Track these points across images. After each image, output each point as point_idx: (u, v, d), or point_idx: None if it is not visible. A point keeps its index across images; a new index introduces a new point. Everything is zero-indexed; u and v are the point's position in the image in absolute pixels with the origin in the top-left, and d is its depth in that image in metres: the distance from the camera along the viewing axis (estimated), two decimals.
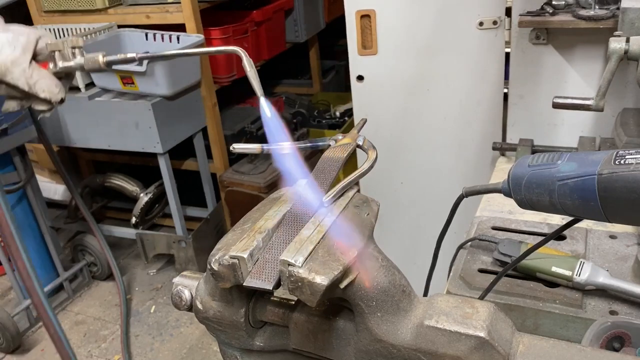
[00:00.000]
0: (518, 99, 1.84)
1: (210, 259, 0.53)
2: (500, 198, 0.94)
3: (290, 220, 0.57)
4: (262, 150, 0.69)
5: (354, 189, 0.62)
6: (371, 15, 2.08)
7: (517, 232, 1.22)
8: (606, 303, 0.98)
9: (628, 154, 0.58)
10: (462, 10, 1.99)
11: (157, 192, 3.27)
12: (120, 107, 2.82)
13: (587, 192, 0.59)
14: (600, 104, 1.16)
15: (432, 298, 0.54)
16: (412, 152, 2.27)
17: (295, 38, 3.91)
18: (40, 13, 3.30)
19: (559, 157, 0.64)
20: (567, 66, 1.74)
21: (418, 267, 1.23)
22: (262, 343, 0.61)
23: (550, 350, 0.51)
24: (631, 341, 0.83)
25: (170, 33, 2.90)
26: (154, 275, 3.40)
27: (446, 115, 2.17)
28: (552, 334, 0.99)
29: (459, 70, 2.09)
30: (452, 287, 1.09)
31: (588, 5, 1.61)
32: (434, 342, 0.51)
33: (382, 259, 0.54)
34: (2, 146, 2.63)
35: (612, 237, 1.17)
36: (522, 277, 1.07)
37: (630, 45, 1.09)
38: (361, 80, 2.21)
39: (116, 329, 2.98)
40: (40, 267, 3.08)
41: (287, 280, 0.49)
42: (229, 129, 3.40)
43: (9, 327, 2.77)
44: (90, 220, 3.12)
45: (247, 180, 3.11)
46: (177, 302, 0.63)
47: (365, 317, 0.53)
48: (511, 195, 0.70)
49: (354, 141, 0.69)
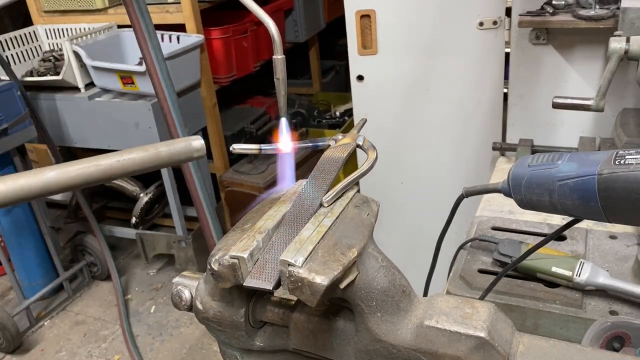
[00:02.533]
0: (518, 99, 1.84)
1: (210, 259, 0.53)
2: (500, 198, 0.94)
3: (290, 220, 0.57)
4: (261, 150, 0.69)
5: (354, 189, 0.62)
6: (371, 15, 2.08)
7: (517, 232, 1.22)
8: (606, 303, 0.98)
9: (628, 154, 0.58)
10: (462, 10, 1.99)
11: (157, 192, 3.27)
12: (120, 107, 2.82)
13: (587, 192, 0.59)
14: (601, 104, 1.16)
15: (432, 298, 0.54)
16: (412, 152, 2.27)
17: (295, 38, 3.91)
18: (40, 13, 3.30)
19: (559, 157, 0.64)
20: (567, 66, 1.74)
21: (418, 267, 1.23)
22: (262, 343, 0.61)
23: (550, 350, 0.51)
24: (631, 341, 0.83)
25: (170, 33, 2.90)
26: (154, 275, 3.40)
27: (446, 115, 2.17)
28: (552, 334, 0.99)
29: (459, 71, 2.09)
30: (452, 287, 1.09)
31: (588, 5, 1.61)
32: (434, 342, 0.51)
33: (382, 259, 0.54)
34: (2, 146, 2.63)
35: (612, 237, 1.17)
36: (522, 278, 1.07)
37: (630, 45, 1.09)
38: (361, 80, 2.21)
39: (116, 328, 2.98)
40: (40, 267, 3.09)
41: (287, 280, 0.49)
42: (229, 129, 3.40)
43: (9, 327, 2.77)
44: (92, 219, 3.12)
45: (247, 180, 3.12)
46: (177, 302, 0.63)
47: (365, 317, 0.53)
48: (511, 195, 0.70)
49: (354, 141, 0.68)
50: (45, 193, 0.48)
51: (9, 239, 2.98)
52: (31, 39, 3.19)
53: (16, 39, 3.09)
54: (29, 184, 0.47)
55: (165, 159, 0.56)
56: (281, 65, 0.68)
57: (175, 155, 0.57)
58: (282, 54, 0.69)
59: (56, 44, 3.25)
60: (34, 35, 3.22)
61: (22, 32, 3.13)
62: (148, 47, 2.03)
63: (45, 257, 3.09)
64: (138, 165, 0.54)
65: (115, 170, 0.52)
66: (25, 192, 0.47)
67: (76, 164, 0.50)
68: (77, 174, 0.49)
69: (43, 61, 3.11)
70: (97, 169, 0.51)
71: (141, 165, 0.54)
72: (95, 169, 0.51)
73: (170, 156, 0.56)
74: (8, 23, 3.82)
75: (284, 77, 0.69)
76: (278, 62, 0.68)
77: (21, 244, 3.00)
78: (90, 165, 0.50)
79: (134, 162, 0.53)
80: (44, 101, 2.93)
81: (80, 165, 0.50)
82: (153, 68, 2.08)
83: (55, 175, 0.48)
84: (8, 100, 2.61)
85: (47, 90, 2.93)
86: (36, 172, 0.48)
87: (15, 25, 3.66)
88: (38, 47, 3.23)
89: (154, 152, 0.55)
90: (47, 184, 0.48)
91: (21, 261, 3.05)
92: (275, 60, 0.69)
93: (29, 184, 0.47)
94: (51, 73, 2.98)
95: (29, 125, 2.74)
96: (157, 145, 0.55)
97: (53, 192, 0.48)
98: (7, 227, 2.93)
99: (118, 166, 0.52)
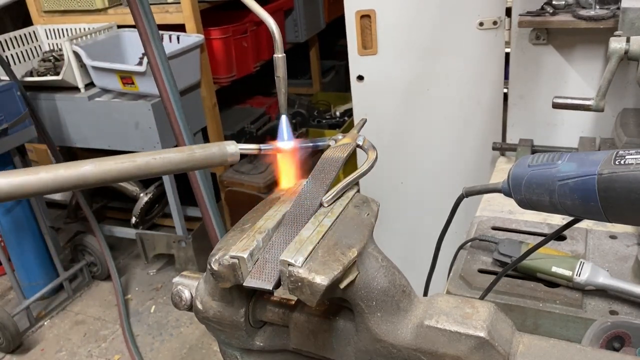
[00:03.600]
0: (518, 99, 1.84)
1: (210, 259, 0.53)
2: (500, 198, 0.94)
3: (290, 220, 0.57)
4: (260, 150, 0.69)
5: (354, 189, 0.62)
6: (371, 15, 2.08)
7: (517, 232, 1.22)
8: (606, 303, 0.98)
9: (628, 154, 0.58)
10: (462, 10, 1.99)
11: (157, 192, 3.27)
12: (120, 107, 2.82)
13: (587, 192, 0.59)
14: (601, 104, 1.16)
15: (432, 298, 0.54)
16: (412, 152, 2.27)
17: (295, 38, 3.91)
18: (40, 13, 3.30)
19: (559, 157, 0.64)
20: (567, 66, 1.74)
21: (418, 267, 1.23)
22: (262, 343, 0.61)
23: (550, 350, 0.51)
24: (631, 341, 0.83)
25: (170, 33, 2.90)
26: (154, 275, 3.40)
27: (446, 115, 2.17)
28: (552, 334, 0.99)
29: (459, 71, 2.09)
30: (452, 287, 1.09)
31: (588, 5, 1.61)
32: (434, 342, 0.51)
33: (382, 259, 0.54)
34: (2, 146, 2.63)
35: (612, 237, 1.17)
36: (522, 277, 1.07)
37: (630, 45, 1.09)
38: (361, 80, 2.21)
39: (116, 328, 2.98)
40: (40, 267, 3.09)
41: (287, 280, 0.49)
42: (229, 129, 3.40)
43: (9, 327, 2.77)
44: (92, 219, 3.12)
45: (247, 180, 3.12)
46: (177, 302, 0.63)
47: (365, 317, 0.53)
48: (511, 195, 0.70)
49: (354, 141, 0.69)
50: (80, 185, 0.49)
51: (9, 239, 2.98)
52: (31, 39, 3.19)
53: (16, 39, 3.09)
54: (67, 175, 0.48)
55: (199, 161, 0.56)
56: (282, 63, 0.69)
57: (209, 158, 0.57)
58: (283, 52, 0.69)
59: (56, 44, 3.25)
60: (34, 36, 3.22)
61: (22, 32, 3.13)
62: (152, 48, 2.03)
63: (45, 257, 3.09)
64: (173, 165, 0.54)
65: (151, 167, 0.53)
66: (61, 182, 0.48)
67: (112, 159, 0.51)
68: (113, 168, 0.50)
69: (43, 61, 3.11)
70: (133, 165, 0.51)
71: (176, 165, 0.55)
72: (131, 165, 0.51)
73: (205, 159, 0.57)
74: (8, 23, 3.82)
75: (284, 75, 0.70)
76: (279, 61, 0.69)
77: (21, 244, 3.00)
78: (126, 160, 0.51)
79: (169, 161, 0.54)
80: (44, 101, 2.93)
81: (117, 160, 0.51)
82: (157, 68, 2.09)
83: (92, 168, 0.49)
84: (8, 100, 2.61)
85: (47, 90, 2.93)
86: (74, 164, 0.49)
87: (15, 25, 3.66)
88: (38, 47, 3.23)
89: (189, 153, 0.56)
90: (83, 176, 0.49)
91: (21, 261, 3.05)
92: (276, 58, 0.69)
93: (67, 175, 0.48)
94: (51, 73, 2.98)
95: (28, 125, 2.74)
96: (192, 147, 0.56)
97: (88, 184, 0.50)
98: (7, 227, 2.93)
99: (154, 164, 0.53)
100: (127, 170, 0.51)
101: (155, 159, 0.53)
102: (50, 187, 0.48)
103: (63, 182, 0.48)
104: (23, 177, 0.47)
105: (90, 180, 0.49)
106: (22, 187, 0.47)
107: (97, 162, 0.50)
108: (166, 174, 0.56)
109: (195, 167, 0.57)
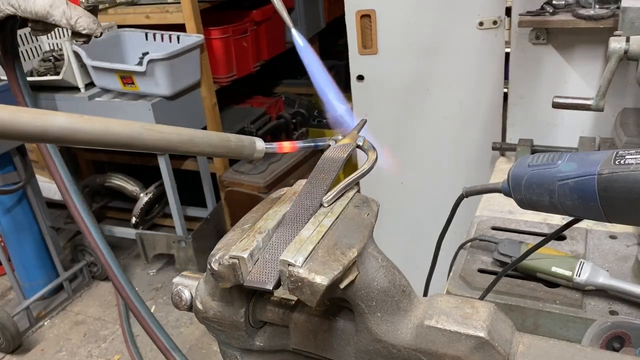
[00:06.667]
0: (518, 99, 1.84)
1: (210, 259, 0.53)
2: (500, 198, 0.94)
3: (290, 220, 0.57)
4: None
5: (354, 189, 0.62)
6: (371, 15, 2.08)
7: (517, 232, 1.22)
8: (606, 303, 0.98)
9: (628, 154, 0.58)
10: (462, 10, 1.99)
11: (157, 192, 3.27)
12: (120, 107, 2.82)
13: (587, 192, 0.59)
14: (600, 104, 1.16)
15: (432, 298, 0.54)
16: (412, 152, 2.27)
17: None
18: None
19: (559, 157, 0.64)
20: (567, 66, 1.74)
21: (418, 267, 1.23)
22: (262, 343, 0.61)
23: (550, 350, 0.51)
24: (631, 341, 0.83)
25: (170, 33, 2.90)
26: (154, 275, 3.40)
27: (446, 115, 2.17)
28: (552, 334, 0.99)
29: (459, 70, 2.09)
30: (452, 287, 1.09)
31: (588, 4, 1.61)
32: (434, 342, 0.51)
33: (382, 259, 0.54)
34: (2, 146, 2.63)
35: (612, 237, 1.17)
36: (522, 277, 1.07)
37: (630, 45, 1.09)
38: (361, 80, 2.22)
39: (116, 328, 2.98)
40: (40, 267, 3.09)
41: (287, 280, 0.49)
42: (229, 129, 3.39)
43: (9, 327, 2.77)
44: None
45: (247, 180, 3.11)
46: (177, 302, 0.63)
47: (365, 317, 0.53)
48: (511, 195, 0.69)
49: (354, 141, 0.68)
50: (128, 145, 0.50)
51: (9, 239, 2.98)
52: (31, 39, 3.18)
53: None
54: (119, 131, 0.49)
55: (232, 150, 0.59)
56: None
57: (240, 149, 0.60)
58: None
59: (56, 44, 3.25)
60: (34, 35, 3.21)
61: (22, 32, 3.13)
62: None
63: (45, 257, 3.09)
64: (210, 146, 0.56)
65: (193, 143, 0.54)
66: (112, 138, 0.49)
67: (158, 127, 0.52)
68: (160, 137, 0.51)
69: (43, 61, 3.11)
70: (178, 137, 0.53)
71: (212, 147, 0.57)
72: (177, 137, 0.53)
73: (237, 148, 0.59)
74: None
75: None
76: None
77: (21, 244, 3.00)
78: (172, 132, 0.53)
79: (208, 142, 0.56)
80: (44, 101, 2.93)
81: (163, 129, 0.52)
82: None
83: (140, 129, 0.50)
84: (8, 100, 2.58)
85: (47, 90, 2.93)
86: (127, 123, 0.50)
87: None
88: (38, 47, 3.23)
89: (225, 139, 0.58)
90: (133, 136, 0.49)
91: (21, 261, 3.05)
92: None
93: (118, 132, 0.49)
94: (51, 73, 2.98)
95: None
96: (229, 135, 0.59)
97: (135, 146, 0.50)
98: (7, 227, 2.93)
99: (197, 141, 0.55)
100: (171, 141, 0.52)
101: (197, 137, 0.55)
102: (99, 140, 0.48)
103: (114, 139, 0.49)
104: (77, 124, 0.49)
105: (136, 143, 0.50)
106: (74, 133, 0.48)
107: (147, 126, 0.51)
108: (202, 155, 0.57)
109: (227, 154, 0.59)
